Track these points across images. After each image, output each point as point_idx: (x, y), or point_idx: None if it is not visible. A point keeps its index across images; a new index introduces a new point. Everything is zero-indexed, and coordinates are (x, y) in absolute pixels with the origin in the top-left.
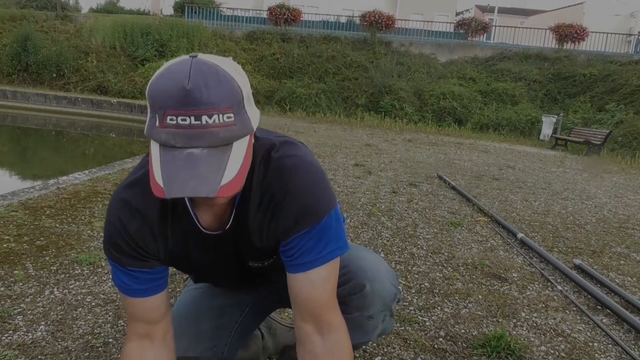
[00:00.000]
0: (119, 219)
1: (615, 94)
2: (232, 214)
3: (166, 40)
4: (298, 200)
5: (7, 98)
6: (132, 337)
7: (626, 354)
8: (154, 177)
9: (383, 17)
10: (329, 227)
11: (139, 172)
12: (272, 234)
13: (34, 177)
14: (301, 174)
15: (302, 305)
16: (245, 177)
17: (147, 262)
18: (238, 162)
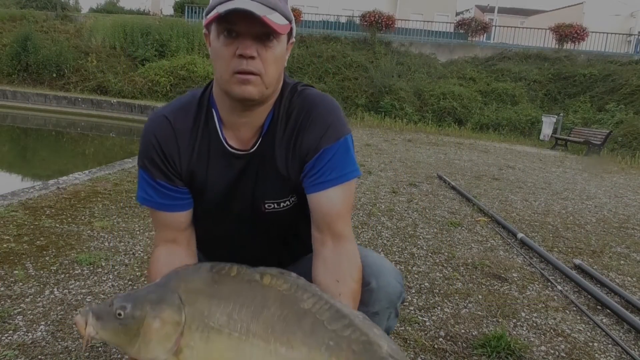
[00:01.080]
0: (153, 128)
1: (615, 94)
2: (259, 137)
3: (166, 40)
4: (320, 119)
5: (7, 98)
6: (159, 242)
7: (626, 354)
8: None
9: (383, 17)
10: (348, 149)
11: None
12: (298, 154)
13: (34, 177)
14: (323, 101)
15: (320, 218)
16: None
17: (171, 179)
18: (283, 23)
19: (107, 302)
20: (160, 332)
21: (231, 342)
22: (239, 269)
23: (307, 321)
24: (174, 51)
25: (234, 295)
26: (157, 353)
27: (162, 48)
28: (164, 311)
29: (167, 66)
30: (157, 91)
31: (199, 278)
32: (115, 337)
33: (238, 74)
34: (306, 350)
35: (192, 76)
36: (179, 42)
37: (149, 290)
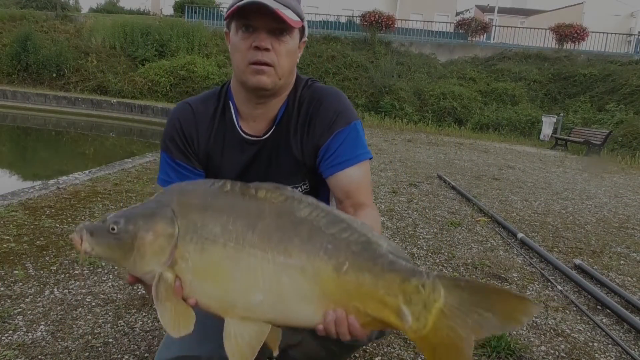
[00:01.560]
0: (177, 113)
1: (615, 94)
2: (272, 125)
3: (166, 40)
4: (331, 106)
5: (7, 98)
6: None
7: (626, 354)
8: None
9: (383, 17)
10: (358, 132)
11: (200, 93)
12: (311, 138)
13: (34, 177)
14: (333, 92)
15: (341, 194)
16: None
17: (190, 159)
18: (296, 19)
19: (102, 218)
20: (154, 244)
21: (227, 252)
22: (233, 184)
23: (304, 228)
24: (174, 51)
25: (228, 208)
26: (152, 266)
27: (162, 48)
28: (157, 224)
29: (167, 66)
30: (157, 91)
31: (192, 192)
32: (109, 252)
33: (253, 64)
34: (305, 256)
35: (192, 76)
36: (179, 42)
37: (143, 206)
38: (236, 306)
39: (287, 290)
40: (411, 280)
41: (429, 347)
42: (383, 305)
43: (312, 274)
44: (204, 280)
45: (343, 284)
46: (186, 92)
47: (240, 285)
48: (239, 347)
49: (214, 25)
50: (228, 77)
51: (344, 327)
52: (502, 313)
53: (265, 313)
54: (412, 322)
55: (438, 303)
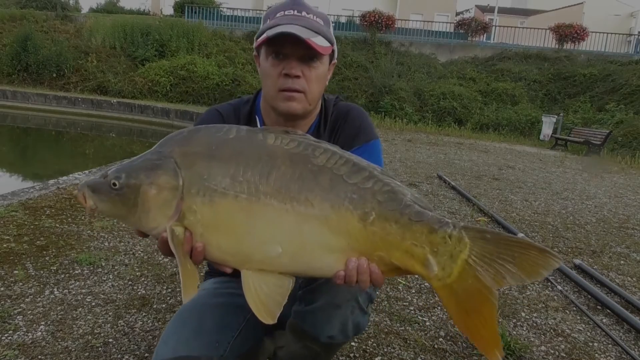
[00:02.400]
0: (207, 118)
1: (615, 94)
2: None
3: (166, 40)
4: (355, 122)
5: (7, 98)
6: None
7: (626, 354)
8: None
9: (383, 17)
10: (379, 151)
11: (231, 101)
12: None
13: (34, 177)
14: (359, 110)
15: None
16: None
17: None
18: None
19: (102, 174)
20: (158, 198)
21: (239, 204)
22: (239, 130)
23: (325, 177)
24: (174, 51)
25: (237, 156)
26: (158, 221)
27: (162, 48)
28: (159, 177)
29: (167, 66)
30: (157, 91)
31: (194, 141)
32: (113, 209)
33: (284, 91)
34: (328, 206)
35: (192, 76)
36: (179, 42)
37: (143, 158)
38: (253, 259)
39: (309, 241)
40: (438, 232)
41: (452, 295)
42: (409, 255)
43: (336, 224)
44: (216, 234)
45: (369, 234)
46: (186, 92)
47: (257, 238)
48: (261, 300)
49: (214, 25)
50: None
51: (365, 275)
52: (524, 265)
53: (285, 265)
54: (437, 271)
55: (463, 254)
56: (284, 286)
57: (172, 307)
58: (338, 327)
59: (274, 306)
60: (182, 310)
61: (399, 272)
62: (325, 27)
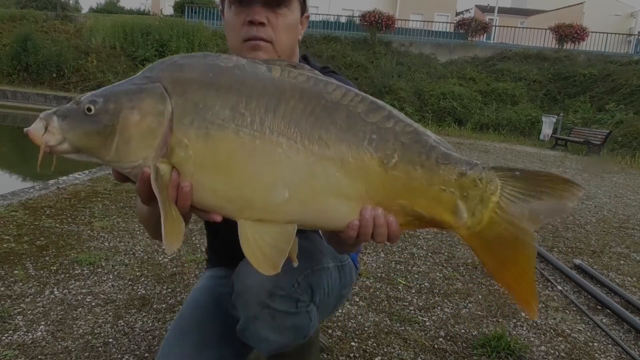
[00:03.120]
0: None
1: (615, 94)
2: None
3: (166, 40)
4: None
5: (7, 98)
6: None
7: (626, 354)
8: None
9: (383, 17)
10: None
11: None
12: None
13: (34, 177)
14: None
15: None
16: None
17: None
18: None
19: (74, 100)
20: (141, 125)
21: (241, 140)
22: (238, 59)
23: (340, 115)
24: (174, 51)
25: (237, 86)
26: (140, 153)
27: (162, 48)
28: (143, 100)
29: None
30: None
31: (187, 67)
32: (86, 139)
33: (248, 40)
34: (345, 146)
35: None
36: (179, 42)
37: (125, 83)
38: (254, 206)
39: (321, 186)
40: (468, 174)
41: (484, 244)
42: (436, 202)
43: (354, 167)
44: (212, 174)
45: (390, 179)
46: None
47: (260, 181)
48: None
49: (214, 25)
50: None
51: (383, 227)
52: (554, 197)
53: (291, 213)
54: (467, 219)
55: (495, 196)
56: (287, 232)
57: (172, 307)
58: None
59: (277, 256)
60: (182, 315)
61: (420, 224)
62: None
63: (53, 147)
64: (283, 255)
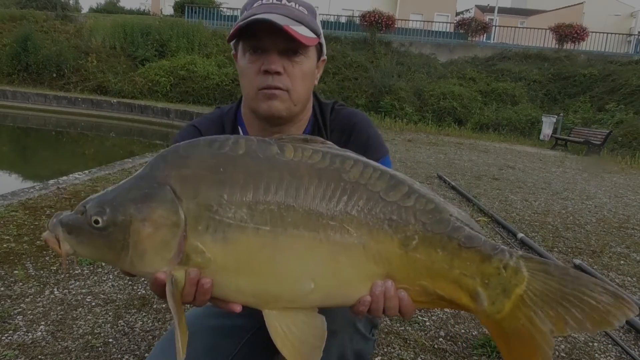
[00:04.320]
0: (183, 136)
1: (615, 94)
2: None
3: (166, 40)
4: (365, 133)
5: (7, 98)
6: None
7: (626, 354)
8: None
9: (383, 17)
10: (390, 166)
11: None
12: None
13: (34, 177)
14: (364, 117)
15: None
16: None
17: None
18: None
19: (79, 208)
20: (154, 238)
21: (262, 239)
22: (248, 141)
23: (360, 197)
24: (174, 51)
25: (253, 178)
26: (155, 265)
27: (162, 48)
28: (154, 211)
29: (167, 66)
30: (157, 91)
31: (194, 161)
32: (97, 253)
33: (263, 89)
34: (366, 231)
35: (192, 76)
36: (179, 42)
37: (130, 186)
38: (280, 299)
39: (344, 273)
40: (492, 261)
41: (501, 334)
42: (456, 286)
43: (375, 251)
44: (233, 275)
45: (411, 261)
46: (186, 92)
47: (286, 276)
48: (293, 345)
49: (214, 25)
50: (228, 77)
51: (393, 301)
52: (593, 310)
53: (316, 301)
54: (486, 306)
55: (519, 288)
56: (317, 326)
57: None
58: (336, 357)
59: (309, 351)
60: (170, 332)
61: (442, 304)
62: (310, 16)
63: (69, 256)
64: (318, 351)
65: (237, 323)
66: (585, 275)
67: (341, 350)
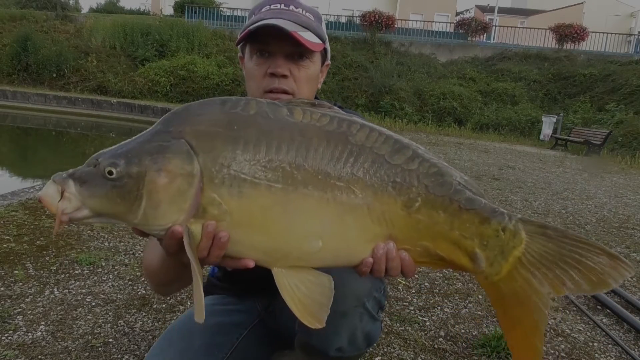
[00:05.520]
0: None
1: (615, 94)
2: None
3: (166, 40)
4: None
5: (7, 98)
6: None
7: (626, 354)
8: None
9: (383, 17)
10: None
11: None
12: None
13: (34, 177)
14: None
15: None
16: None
17: None
18: (316, 41)
19: (90, 161)
20: (170, 188)
21: (275, 196)
22: (259, 104)
23: (366, 159)
24: (174, 51)
25: (264, 137)
26: (170, 217)
27: (162, 48)
28: (170, 161)
29: (167, 66)
30: (157, 91)
31: (210, 118)
32: (109, 206)
33: (269, 92)
34: (371, 192)
35: (192, 76)
36: (179, 42)
37: (143, 140)
38: (290, 257)
39: (350, 233)
40: (491, 223)
41: (498, 295)
42: (456, 247)
43: (379, 212)
44: (247, 231)
45: (413, 222)
46: (186, 92)
47: (296, 234)
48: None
49: (214, 25)
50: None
51: (395, 262)
52: (590, 271)
53: (323, 260)
54: (484, 267)
55: (517, 250)
56: (324, 285)
57: (172, 307)
58: (347, 338)
59: (317, 309)
60: (169, 329)
61: (442, 264)
62: (316, 22)
63: (71, 214)
64: (324, 309)
65: (235, 320)
66: (583, 237)
67: (352, 330)
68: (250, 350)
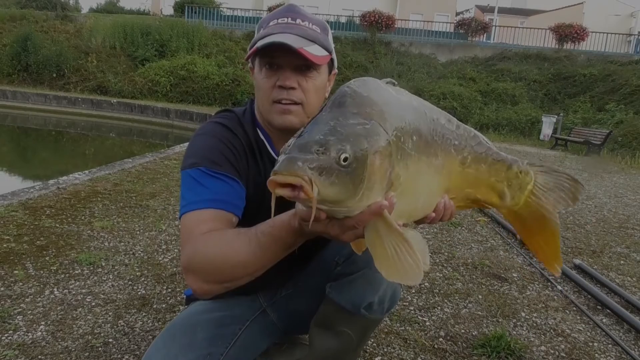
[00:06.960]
0: (213, 130)
1: (615, 94)
2: None
3: (166, 40)
4: None
5: (7, 98)
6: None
7: (626, 354)
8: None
9: (383, 17)
10: None
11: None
12: None
13: (34, 177)
14: None
15: None
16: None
17: (241, 180)
18: (322, 54)
19: (313, 149)
20: (381, 169)
21: (416, 165)
22: (387, 85)
23: (439, 128)
24: (174, 51)
25: (407, 115)
26: (377, 195)
27: (162, 48)
28: (378, 143)
29: (167, 66)
30: (157, 91)
31: (378, 99)
32: (342, 192)
33: (278, 103)
34: (444, 154)
35: (192, 76)
36: (179, 42)
37: (344, 123)
38: (413, 215)
39: (433, 189)
40: (513, 168)
41: (520, 219)
42: (491, 189)
43: (446, 170)
44: (404, 198)
45: (465, 175)
46: (186, 92)
47: (422, 195)
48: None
49: (214, 25)
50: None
51: (449, 211)
52: (568, 191)
53: (416, 215)
54: (509, 201)
55: (529, 185)
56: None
57: (172, 307)
58: (378, 294)
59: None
60: (171, 324)
61: (473, 204)
62: (322, 34)
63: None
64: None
65: (236, 313)
66: (562, 170)
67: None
68: (253, 342)
